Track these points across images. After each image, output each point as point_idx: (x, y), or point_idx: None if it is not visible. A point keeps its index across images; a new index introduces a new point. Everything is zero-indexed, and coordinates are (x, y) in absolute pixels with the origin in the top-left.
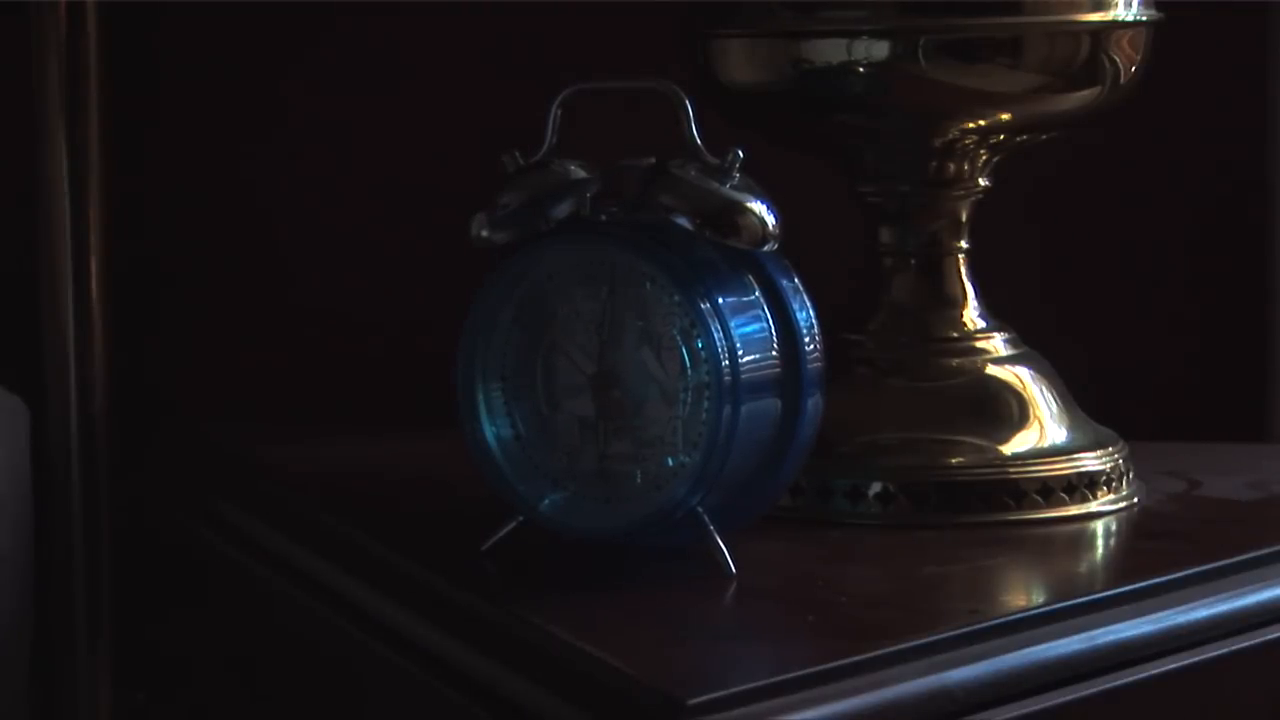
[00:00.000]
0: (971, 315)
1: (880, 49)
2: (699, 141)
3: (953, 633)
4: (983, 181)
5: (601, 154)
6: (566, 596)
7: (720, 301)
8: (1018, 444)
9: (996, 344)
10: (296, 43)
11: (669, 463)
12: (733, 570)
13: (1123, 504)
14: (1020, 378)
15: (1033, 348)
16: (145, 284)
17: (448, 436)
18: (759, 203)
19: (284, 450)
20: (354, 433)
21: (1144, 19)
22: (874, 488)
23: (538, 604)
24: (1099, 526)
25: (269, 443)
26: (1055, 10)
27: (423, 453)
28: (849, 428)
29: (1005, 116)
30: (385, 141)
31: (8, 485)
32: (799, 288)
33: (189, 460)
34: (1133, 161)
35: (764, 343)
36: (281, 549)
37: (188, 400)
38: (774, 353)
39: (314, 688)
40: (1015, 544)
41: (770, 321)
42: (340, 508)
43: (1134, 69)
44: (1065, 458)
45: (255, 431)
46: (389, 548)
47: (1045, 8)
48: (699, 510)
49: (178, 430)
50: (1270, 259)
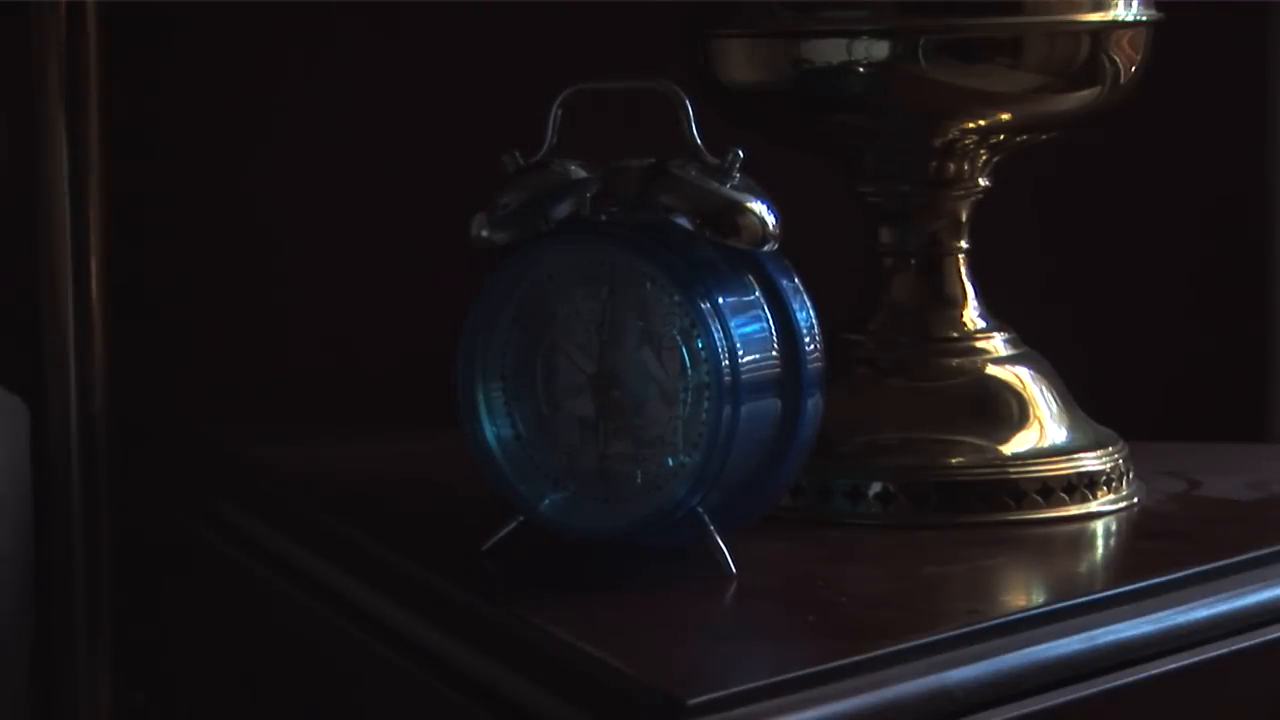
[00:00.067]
0: (971, 315)
1: (880, 49)
2: (699, 141)
3: (953, 633)
4: (983, 181)
5: (601, 154)
6: (566, 596)
7: (720, 301)
8: (1018, 444)
9: (996, 344)
10: (296, 43)
11: (669, 463)
12: (733, 570)
13: (1123, 504)
14: (1020, 378)
15: (1033, 348)
16: (145, 284)
17: (448, 436)
18: (759, 203)
19: (284, 450)
20: (354, 433)
21: (1144, 19)
22: (874, 488)
23: (538, 604)
24: (1099, 526)
25: (269, 443)
26: (1055, 10)
27: (423, 453)
28: (849, 428)
29: (1005, 116)
30: (385, 141)
31: (8, 485)
32: (799, 288)
33: (189, 460)
34: (1133, 161)
35: (764, 343)
36: (281, 549)
37: (188, 400)
38: (774, 353)
39: (314, 688)
40: (1015, 544)
41: (770, 321)
42: (340, 508)
43: (1134, 69)
44: (1065, 458)
45: (255, 431)
46: (389, 548)
47: (1045, 8)
48: (699, 510)
49: (178, 430)
50: (1270, 259)
